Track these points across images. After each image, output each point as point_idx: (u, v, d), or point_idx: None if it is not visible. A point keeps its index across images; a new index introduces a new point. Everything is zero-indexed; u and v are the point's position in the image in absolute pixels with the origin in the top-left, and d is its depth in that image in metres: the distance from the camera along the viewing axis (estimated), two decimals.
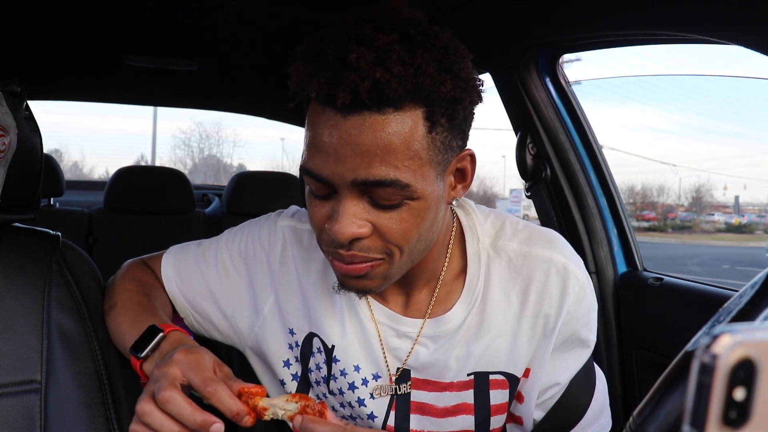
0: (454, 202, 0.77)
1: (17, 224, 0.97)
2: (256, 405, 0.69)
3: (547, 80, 1.52)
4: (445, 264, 0.85)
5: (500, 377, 0.85)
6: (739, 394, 0.25)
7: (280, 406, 0.70)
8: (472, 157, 0.76)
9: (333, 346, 0.87)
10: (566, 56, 1.53)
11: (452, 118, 0.69)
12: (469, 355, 0.84)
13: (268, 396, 0.71)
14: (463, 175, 0.76)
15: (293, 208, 0.97)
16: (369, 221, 0.70)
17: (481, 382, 0.86)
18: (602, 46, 1.36)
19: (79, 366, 0.90)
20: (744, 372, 0.25)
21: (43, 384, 0.89)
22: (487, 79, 1.62)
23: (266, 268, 0.91)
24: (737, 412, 0.25)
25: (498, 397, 0.86)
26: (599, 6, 1.16)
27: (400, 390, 0.86)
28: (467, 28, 1.40)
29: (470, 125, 0.74)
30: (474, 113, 0.74)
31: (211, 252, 0.94)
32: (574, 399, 0.88)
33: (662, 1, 1.04)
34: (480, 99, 0.72)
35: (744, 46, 0.97)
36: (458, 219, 0.87)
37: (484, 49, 1.51)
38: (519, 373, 0.86)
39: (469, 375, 0.85)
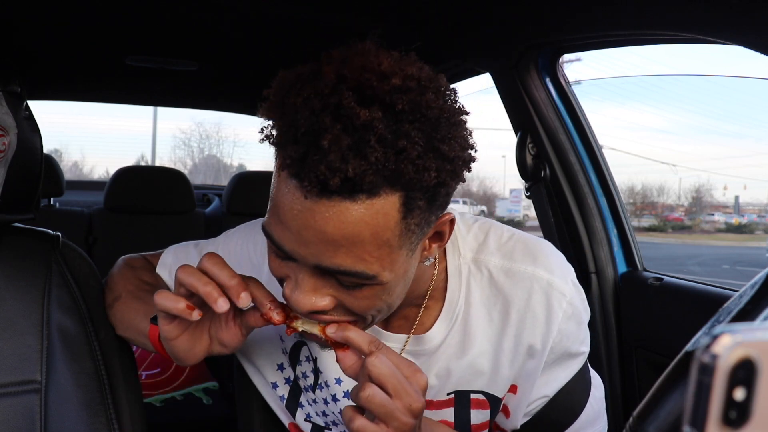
0: (426, 262, 0.72)
1: (17, 224, 0.97)
2: (288, 313, 0.70)
3: (547, 80, 1.52)
4: (432, 282, 0.81)
5: (481, 397, 0.83)
6: (739, 394, 0.25)
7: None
8: (452, 221, 0.70)
9: (316, 358, 0.86)
10: (566, 56, 1.53)
11: (432, 201, 0.63)
12: (450, 374, 0.82)
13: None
14: (441, 236, 0.71)
15: None
16: (331, 295, 0.66)
17: (461, 401, 0.84)
18: (602, 46, 1.36)
19: (79, 366, 0.90)
20: (744, 372, 0.25)
21: (43, 384, 0.89)
22: (487, 79, 1.63)
23: (259, 278, 0.90)
24: (737, 412, 0.25)
25: (478, 416, 0.84)
26: (599, 6, 1.16)
27: None
28: (467, 28, 1.41)
29: (452, 194, 0.67)
30: (463, 180, 0.67)
31: None
32: (565, 405, 0.85)
33: (662, 1, 1.04)
34: (469, 171, 0.66)
35: (744, 46, 0.97)
36: None
37: (484, 49, 1.51)
38: (500, 394, 0.83)
39: (449, 394, 0.83)
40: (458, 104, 0.65)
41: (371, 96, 0.58)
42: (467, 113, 0.65)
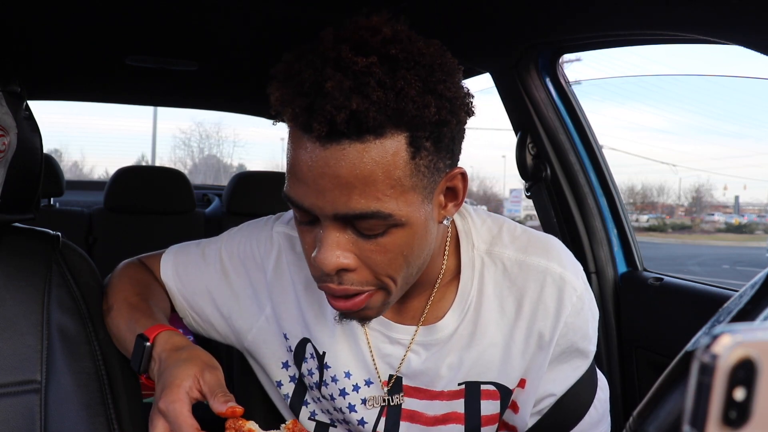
0: (445, 221, 0.74)
1: (17, 224, 0.97)
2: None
3: (547, 80, 1.52)
4: (441, 271, 0.82)
5: (492, 388, 0.84)
6: (739, 394, 0.25)
7: None
8: (464, 175, 0.72)
9: (324, 353, 0.87)
10: (566, 56, 1.53)
11: (438, 141, 0.66)
12: (461, 364, 0.83)
13: (244, 414, 0.71)
14: (455, 193, 0.73)
15: (290, 213, 0.95)
16: (353, 252, 0.68)
17: (472, 392, 0.84)
18: (602, 46, 1.36)
19: (79, 366, 0.90)
20: (744, 372, 0.25)
21: (43, 384, 0.89)
22: (487, 79, 1.63)
23: (263, 274, 0.90)
24: (737, 412, 0.25)
25: (489, 407, 0.84)
26: (599, 6, 1.16)
27: (393, 401, 0.85)
28: (467, 28, 1.40)
29: (460, 144, 0.71)
30: (464, 130, 0.71)
31: (211, 252, 0.94)
32: (570, 406, 0.86)
33: (662, 1, 1.04)
34: (470, 116, 0.70)
35: (744, 46, 0.97)
36: (454, 223, 0.85)
37: (484, 49, 1.51)
38: (511, 385, 0.84)
39: (460, 384, 0.84)
40: (452, 59, 0.70)
41: (368, 49, 0.63)
42: (461, 68, 0.70)
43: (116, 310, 0.90)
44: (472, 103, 0.70)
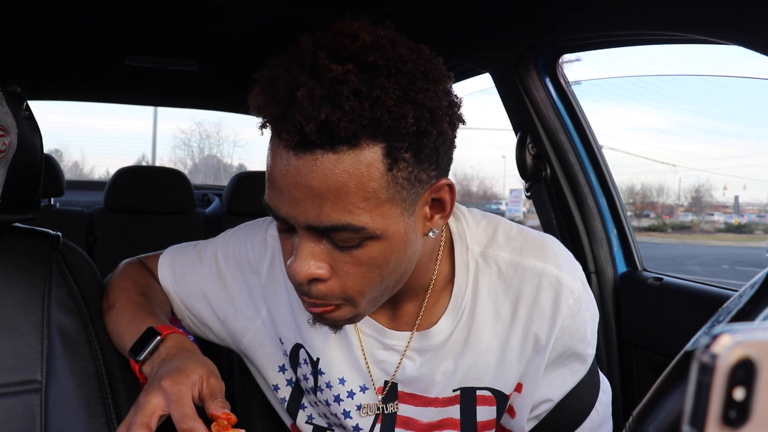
0: (431, 233, 0.71)
1: (17, 224, 0.97)
2: None
3: (547, 80, 1.52)
4: (434, 274, 0.80)
5: (487, 393, 0.82)
6: (739, 394, 0.25)
7: None
8: (451, 187, 0.70)
9: (318, 359, 0.86)
10: (566, 56, 1.53)
11: (418, 153, 0.64)
12: (456, 370, 0.81)
13: (237, 424, 0.71)
14: (442, 205, 0.71)
15: None
16: (328, 262, 0.67)
17: (467, 397, 0.83)
18: (602, 46, 1.37)
19: (80, 366, 0.90)
20: (744, 372, 0.25)
21: (43, 384, 0.89)
22: (487, 79, 1.63)
23: (257, 278, 0.89)
24: (737, 412, 0.25)
25: (485, 413, 0.83)
26: (599, 6, 1.16)
27: (387, 410, 0.84)
28: (468, 28, 1.41)
29: (446, 155, 0.68)
30: (451, 141, 0.68)
31: (207, 255, 0.93)
32: (571, 409, 0.84)
33: (662, 1, 1.04)
34: (454, 127, 0.67)
35: (744, 46, 0.97)
36: (448, 226, 0.83)
37: (484, 49, 1.51)
38: (507, 390, 0.82)
39: (455, 391, 0.82)
40: (440, 67, 0.66)
41: (345, 56, 0.61)
42: (450, 75, 0.68)
43: (118, 308, 0.90)
44: (457, 112, 0.67)
